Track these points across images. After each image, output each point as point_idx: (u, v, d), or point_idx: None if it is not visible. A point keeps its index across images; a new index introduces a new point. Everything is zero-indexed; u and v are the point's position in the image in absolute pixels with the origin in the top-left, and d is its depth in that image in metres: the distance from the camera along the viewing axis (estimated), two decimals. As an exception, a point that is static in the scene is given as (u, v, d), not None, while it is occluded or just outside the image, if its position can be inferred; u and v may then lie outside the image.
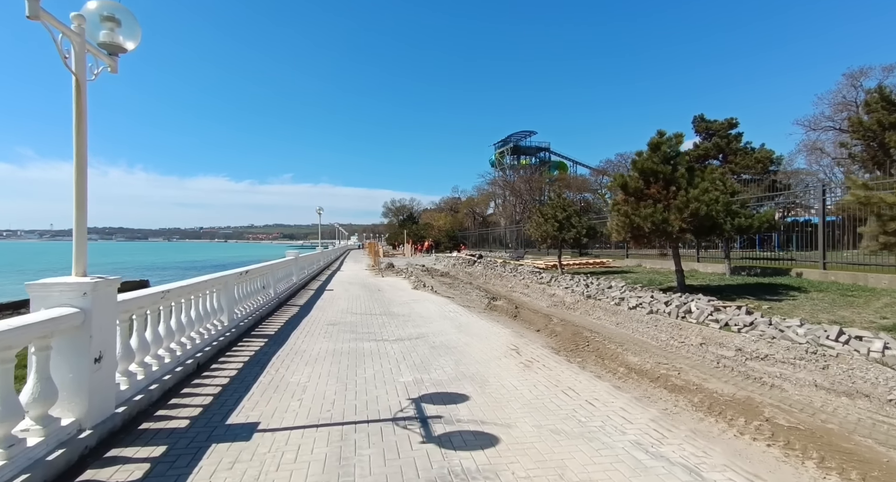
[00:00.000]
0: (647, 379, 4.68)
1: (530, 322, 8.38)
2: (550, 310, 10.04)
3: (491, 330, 7.52)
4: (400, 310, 9.90)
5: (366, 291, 13.73)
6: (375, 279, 18.33)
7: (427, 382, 4.63)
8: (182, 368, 4.63)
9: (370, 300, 11.61)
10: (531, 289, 13.44)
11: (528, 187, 61.46)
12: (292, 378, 4.81)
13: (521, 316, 9.15)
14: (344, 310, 9.82)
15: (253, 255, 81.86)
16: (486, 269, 20.13)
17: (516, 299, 12.17)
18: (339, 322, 8.35)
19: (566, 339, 6.74)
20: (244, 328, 7.21)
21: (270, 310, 9.36)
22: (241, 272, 7.50)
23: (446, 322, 8.31)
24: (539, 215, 15.21)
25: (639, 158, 9.49)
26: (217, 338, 6.01)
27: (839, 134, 32.32)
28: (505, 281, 15.94)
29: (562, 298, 11.14)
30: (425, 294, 12.98)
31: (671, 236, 8.81)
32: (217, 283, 6.33)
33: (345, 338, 6.95)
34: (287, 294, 11.81)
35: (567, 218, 14.80)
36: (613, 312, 8.77)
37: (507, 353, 5.84)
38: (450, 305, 10.62)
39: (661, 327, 7.28)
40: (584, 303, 10.07)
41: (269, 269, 10.05)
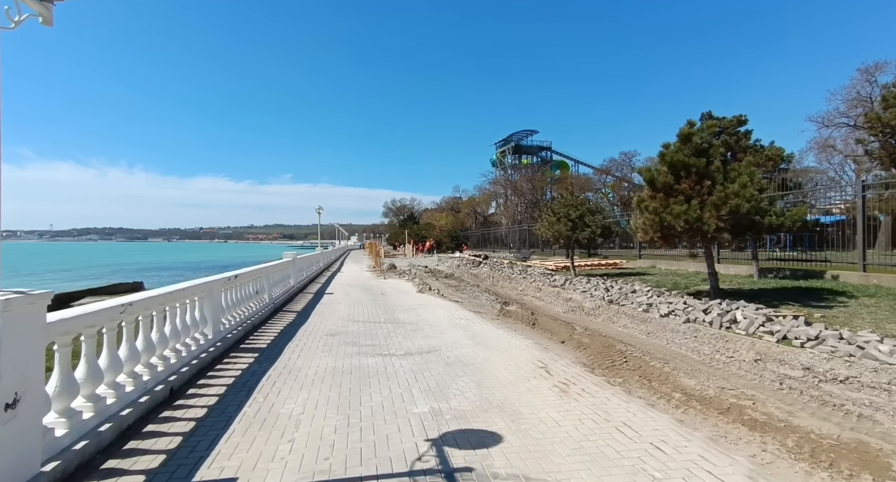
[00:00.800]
0: (713, 410, 3.85)
1: (551, 331, 7.56)
2: (569, 317, 9.22)
3: (510, 341, 6.69)
4: (406, 316, 9.08)
5: (368, 295, 12.91)
6: (377, 281, 17.51)
7: (447, 414, 3.80)
8: (149, 397, 3.81)
9: (373, 305, 10.79)
10: (544, 293, 12.62)
11: (530, 187, 60.64)
12: (283, 408, 3.99)
13: (540, 324, 8.32)
14: (345, 317, 9.00)
15: (252, 256, 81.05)
16: (492, 271, 19.31)
17: (530, 304, 11.35)
18: (340, 332, 7.53)
19: (598, 353, 5.91)
20: (232, 341, 6.38)
21: (264, 317, 8.54)
22: (229, 277, 6.68)
23: (459, 331, 7.49)
24: (551, 214, 14.38)
25: (667, 150, 8.66)
26: (198, 354, 5.19)
27: (852, 131, 31.49)
28: (514, 283, 15.11)
29: (580, 303, 10.32)
30: (432, 298, 12.16)
31: (705, 236, 7.99)
32: (200, 291, 5.51)
33: (346, 352, 6.12)
34: (283, 299, 10.98)
35: (580, 217, 13.98)
36: (642, 320, 7.95)
37: (536, 372, 5.02)
38: (459, 311, 9.80)
39: (703, 339, 6.45)
40: (606, 308, 9.24)
41: (262, 273, 9.23)
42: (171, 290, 4.65)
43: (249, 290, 8.05)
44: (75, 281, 38.38)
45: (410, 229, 55.60)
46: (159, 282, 35.57)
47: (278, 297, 10.53)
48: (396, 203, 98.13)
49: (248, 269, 8.15)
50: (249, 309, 7.86)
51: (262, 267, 9.37)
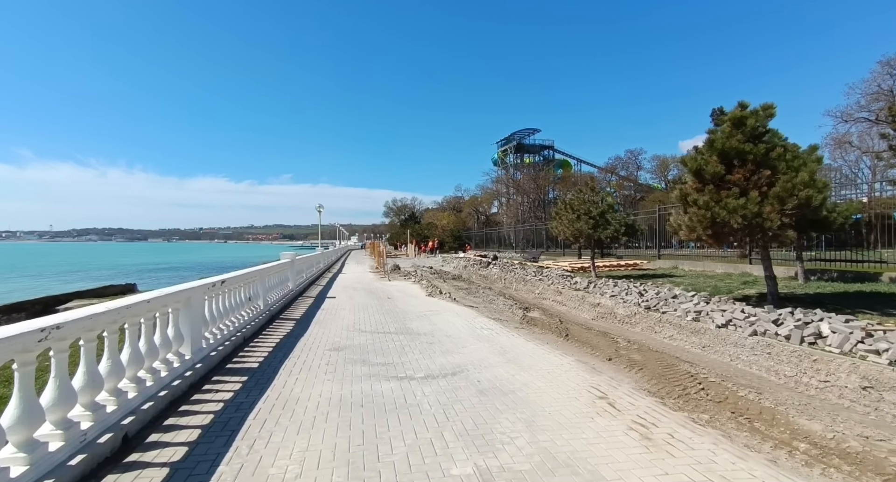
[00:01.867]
0: (869, 472, 2.79)
1: (590, 344, 6.50)
2: (601, 325, 8.16)
3: (548, 358, 5.63)
4: (420, 325, 8.02)
5: (374, 299, 11.85)
6: (382, 283, 16.45)
7: (500, 480, 2.74)
8: (86, 456, 2.75)
9: (381, 311, 9.73)
10: (565, 297, 11.56)
11: (534, 185, 59.57)
12: (274, 466, 2.92)
13: (573, 334, 7.27)
14: (350, 327, 7.94)
15: (251, 256, 80.00)
16: (503, 272, 18.25)
17: (552, 309, 10.30)
18: (345, 346, 6.46)
19: (660, 376, 4.85)
20: (216, 360, 5.31)
21: (258, 328, 7.48)
22: (214, 283, 5.61)
23: (483, 345, 6.43)
24: (570, 211, 13.32)
25: (717, 136, 7.60)
26: (170, 382, 4.13)
27: (871, 126, 30.43)
28: (530, 286, 14.06)
29: (610, 309, 9.26)
30: (444, 302, 11.10)
31: (766, 233, 6.92)
32: (173, 301, 4.45)
33: (354, 373, 5.06)
34: (281, 305, 9.92)
35: (601, 214, 12.92)
36: (692, 331, 6.88)
37: (597, 406, 3.95)
38: (478, 319, 8.74)
39: (780, 357, 5.39)
40: (644, 316, 8.19)
41: (257, 276, 8.17)
42: (131, 303, 3.59)
43: (240, 297, 6.99)
44: (71, 282, 37.34)
45: (412, 229, 54.51)
46: (156, 284, 34.52)
47: (275, 303, 9.47)
48: (397, 202, 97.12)
49: (239, 273, 7.09)
50: (240, 319, 6.80)
51: (256, 269, 8.31)
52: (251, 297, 7.65)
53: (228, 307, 6.32)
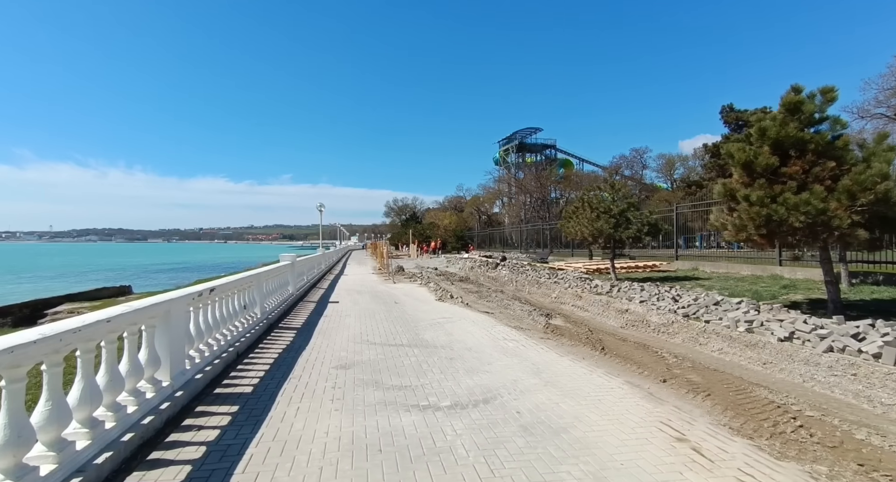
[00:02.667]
0: None
1: (633, 360, 5.67)
2: (635, 335, 7.33)
3: (592, 381, 4.80)
4: (434, 336, 7.18)
5: (380, 304, 11.02)
6: (387, 286, 15.62)
7: None
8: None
9: (389, 318, 8.90)
10: (586, 302, 10.73)
11: (538, 184, 58.69)
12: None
13: (609, 347, 6.44)
14: (357, 338, 7.11)
15: (251, 257, 79.21)
16: (513, 274, 17.42)
17: (574, 316, 9.47)
18: (353, 362, 5.63)
19: (734, 405, 4.02)
20: (202, 383, 4.48)
21: (254, 339, 6.65)
22: (201, 292, 4.78)
23: (511, 361, 5.60)
24: (588, 209, 12.49)
25: (770, 123, 6.76)
26: (139, 418, 3.30)
27: (887, 122, 29.56)
28: (545, 289, 13.23)
29: (642, 316, 8.43)
30: (456, 308, 10.27)
31: (832, 233, 6.09)
32: (147, 317, 3.62)
33: (367, 400, 4.23)
34: (280, 311, 9.09)
35: (622, 212, 12.09)
36: (747, 344, 6.05)
37: (679, 453, 3.12)
38: (497, 327, 7.91)
39: (870, 379, 4.55)
40: (684, 325, 7.36)
41: (253, 281, 7.35)
42: (83, 324, 2.75)
43: (233, 306, 6.17)
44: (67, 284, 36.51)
45: (414, 229, 53.69)
46: (153, 285, 33.71)
47: (274, 310, 8.65)
48: (398, 202, 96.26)
49: (232, 278, 6.26)
50: (233, 331, 5.97)
51: (253, 273, 7.48)
52: (246, 305, 6.82)
53: (219, 318, 5.49)
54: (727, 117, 36.33)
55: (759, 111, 29.48)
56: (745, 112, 35.44)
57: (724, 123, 36.61)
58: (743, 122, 35.41)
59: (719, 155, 36.97)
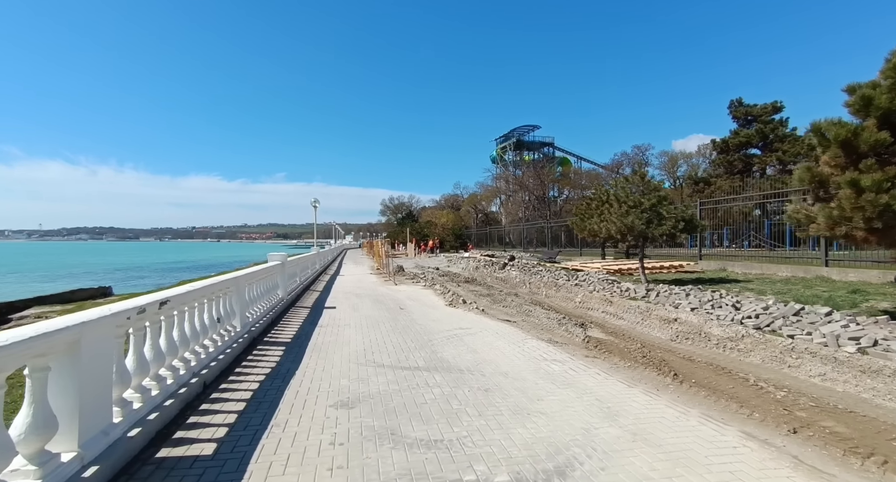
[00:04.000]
0: None
1: (724, 393, 4.33)
2: (696, 352, 6.00)
3: (695, 431, 3.44)
4: (456, 353, 5.81)
5: (383, 310, 9.63)
6: (388, 288, 14.23)
7: None
8: None
9: (396, 329, 7.51)
10: (619, 308, 9.40)
11: (538, 182, 57.41)
12: None
13: (680, 371, 5.09)
14: (360, 357, 5.72)
15: (243, 255, 77.41)
16: (525, 275, 16.06)
17: (610, 325, 8.13)
18: (358, 397, 4.24)
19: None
20: (138, 445, 3.07)
21: (228, 362, 5.23)
22: (141, 308, 3.35)
23: (566, 393, 4.24)
24: (616, 203, 11.15)
25: (874, 91, 5.45)
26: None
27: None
28: (566, 292, 11.88)
29: (697, 327, 7.09)
30: (472, 315, 8.90)
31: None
32: (34, 354, 2.22)
33: (383, 468, 2.84)
34: (267, 321, 7.68)
35: (653, 206, 10.76)
36: (862, 370, 4.71)
37: None
38: (528, 341, 6.55)
39: None
40: (759, 341, 6.02)
41: (231, 286, 5.94)
42: None
43: (201, 320, 4.75)
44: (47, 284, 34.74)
45: (411, 228, 52.27)
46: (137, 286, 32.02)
47: (258, 320, 7.24)
48: (394, 200, 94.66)
49: (198, 285, 4.83)
50: (199, 354, 4.56)
51: (231, 277, 6.07)
52: (221, 318, 5.40)
53: (178, 340, 4.08)
54: (736, 112, 35.20)
55: (770, 105, 28.06)
56: (754, 106, 34.36)
57: (733, 118, 35.48)
58: (752, 117, 34.32)
59: (728, 151, 35.89)
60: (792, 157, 30.95)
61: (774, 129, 32.44)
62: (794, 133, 32.27)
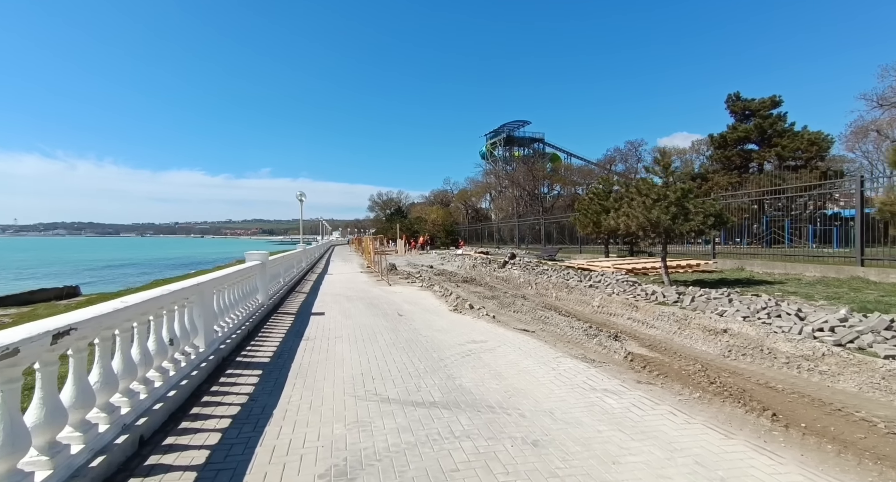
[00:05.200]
0: None
1: (853, 445, 3.22)
2: (766, 374, 4.88)
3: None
4: (477, 378, 4.61)
5: (380, 317, 8.38)
6: (381, 289, 12.97)
7: None
8: None
9: (398, 342, 6.27)
10: (647, 314, 8.31)
11: (530, 177, 56.38)
12: None
13: (770, 405, 3.97)
14: (357, 386, 4.48)
15: (226, 252, 75.13)
16: (529, 275, 14.93)
17: (644, 336, 7.01)
18: (359, 460, 3.00)
19: None
20: None
21: (184, 398, 3.96)
22: (14, 347, 2.07)
23: (645, 448, 3.07)
24: (635, 194, 10.05)
25: None
26: None
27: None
28: (579, 294, 10.76)
29: (756, 341, 6.00)
30: (482, 323, 7.71)
31: None
32: None
33: None
34: (242, 334, 6.38)
35: (678, 200, 9.69)
36: None
37: None
38: (560, 360, 5.38)
39: None
40: (848, 362, 4.94)
41: (193, 294, 4.65)
42: None
43: (139, 350, 3.47)
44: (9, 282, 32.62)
45: (402, 223, 50.91)
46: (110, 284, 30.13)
47: (230, 334, 5.95)
48: (383, 196, 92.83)
49: (144, 298, 3.54)
50: (132, 398, 3.28)
51: (193, 283, 4.76)
52: (175, 340, 4.11)
53: (94, 385, 2.80)
54: (733, 106, 34.51)
55: (769, 99, 27.38)
56: (752, 101, 33.69)
57: (731, 113, 34.80)
58: (750, 112, 33.64)
59: (726, 146, 35.22)
60: (791, 153, 30.37)
61: (773, 123, 31.80)
62: (793, 128, 31.68)
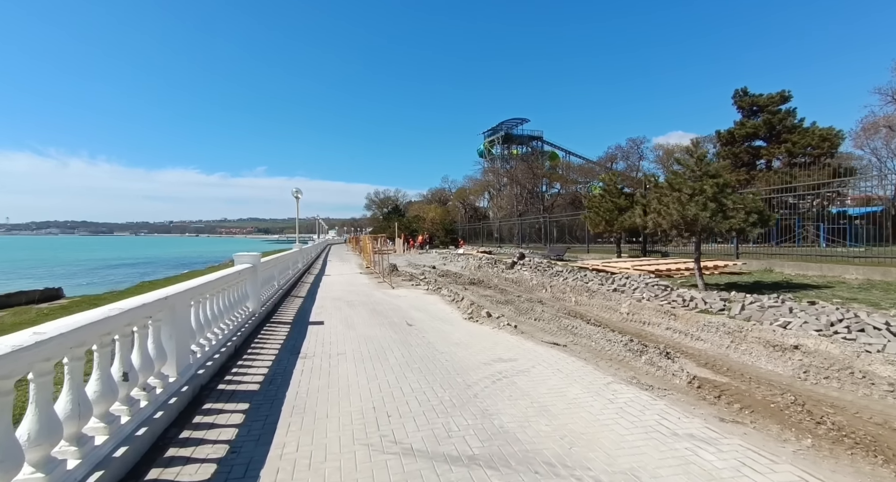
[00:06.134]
0: None
1: None
2: (872, 408, 3.94)
3: None
4: (520, 418, 3.62)
5: (386, 327, 7.39)
6: (384, 292, 11.97)
7: None
8: None
9: (411, 362, 5.27)
10: (688, 324, 7.37)
11: (530, 175, 55.42)
12: None
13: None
14: (369, 430, 3.49)
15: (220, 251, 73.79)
16: (541, 277, 13.97)
17: (692, 351, 6.07)
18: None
19: None
20: None
21: (142, 452, 2.97)
22: None
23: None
24: (667, 190, 9.11)
25: None
26: None
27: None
28: (602, 299, 9.80)
29: (842, 362, 5.07)
30: (504, 335, 6.72)
31: None
32: None
33: None
34: (227, 352, 5.38)
35: (715, 195, 8.75)
36: None
37: None
38: (618, 389, 4.40)
39: None
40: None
41: (161, 310, 3.66)
42: None
43: (71, 397, 2.47)
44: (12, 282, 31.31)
45: (401, 222, 49.87)
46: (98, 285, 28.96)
47: (212, 354, 4.95)
48: (380, 195, 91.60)
49: (84, 320, 2.54)
50: (56, 468, 2.28)
51: (160, 296, 3.76)
52: (128, 375, 3.11)
53: None
54: (741, 102, 33.65)
55: (778, 95, 26.43)
56: (760, 96, 32.84)
57: (738, 108, 33.95)
58: (758, 107, 32.80)
59: (733, 143, 34.38)
60: (802, 150, 29.56)
61: (782, 119, 30.97)
62: (802, 124, 30.87)
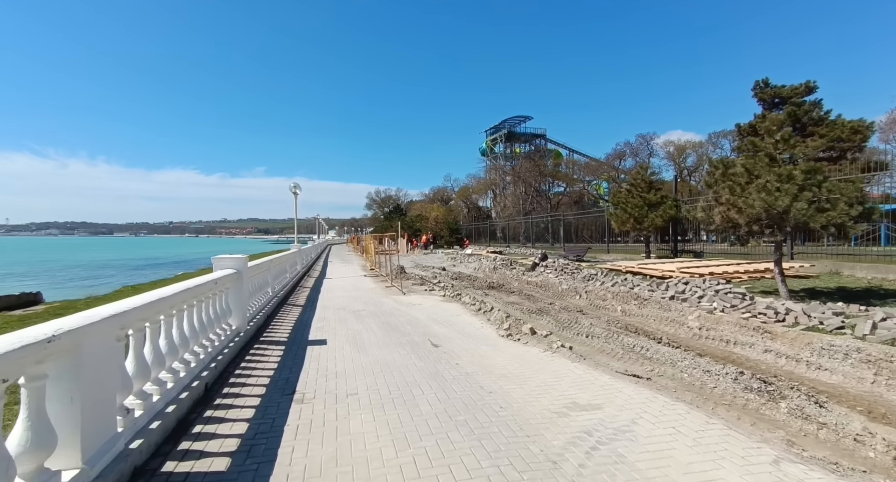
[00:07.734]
0: None
1: None
2: None
3: None
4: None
5: (407, 350, 5.79)
6: (395, 300, 10.39)
7: None
8: None
9: (451, 413, 3.68)
10: (794, 345, 5.80)
11: (536, 173, 53.82)
12: None
13: None
14: None
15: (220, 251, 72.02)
16: (573, 281, 12.38)
17: (829, 388, 4.48)
18: None
19: None
20: None
21: None
22: None
23: None
24: (742, 176, 7.54)
25: None
26: None
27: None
28: (658, 309, 8.22)
29: None
30: (564, 363, 5.12)
31: None
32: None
33: None
34: (193, 396, 3.79)
35: (806, 180, 7.19)
36: None
37: None
38: (792, 472, 2.82)
39: None
40: None
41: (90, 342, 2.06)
42: None
43: None
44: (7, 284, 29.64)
45: (403, 221, 48.28)
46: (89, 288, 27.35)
47: (162, 407, 3.37)
48: (381, 194, 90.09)
49: None
50: None
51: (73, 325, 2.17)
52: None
53: None
54: (762, 94, 32.06)
55: (802, 86, 24.67)
56: (783, 87, 31.25)
57: (759, 101, 32.37)
58: (781, 99, 31.21)
59: (756, 134, 32.89)
60: (831, 143, 27.96)
61: (808, 111, 29.37)
62: (828, 116, 29.27)
